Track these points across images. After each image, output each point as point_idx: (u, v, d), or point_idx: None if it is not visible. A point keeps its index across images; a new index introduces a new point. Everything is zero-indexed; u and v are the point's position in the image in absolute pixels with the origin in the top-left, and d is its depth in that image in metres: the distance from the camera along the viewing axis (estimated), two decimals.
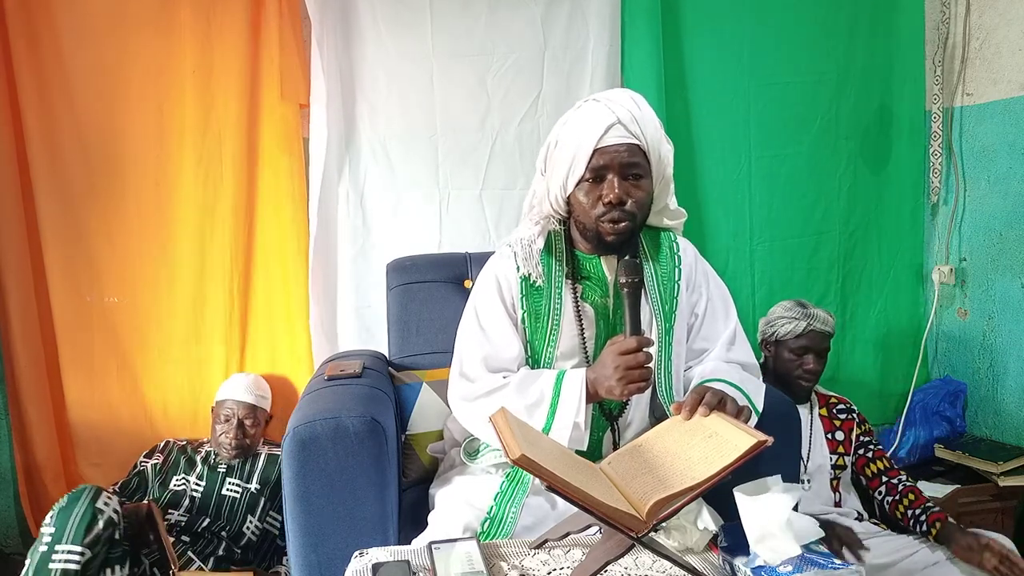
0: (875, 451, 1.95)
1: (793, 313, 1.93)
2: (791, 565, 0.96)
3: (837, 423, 1.96)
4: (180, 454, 2.10)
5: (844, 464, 1.92)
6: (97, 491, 1.68)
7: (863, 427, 1.98)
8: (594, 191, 1.33)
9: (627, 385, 1.23)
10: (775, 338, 1.96)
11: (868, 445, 1.96)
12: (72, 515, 1.62)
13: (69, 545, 1.60)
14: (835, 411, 1.98)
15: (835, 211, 2.45)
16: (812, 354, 1.91)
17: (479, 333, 1.42)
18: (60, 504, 1.65)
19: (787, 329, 1.93)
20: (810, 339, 1.91)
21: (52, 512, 1.65)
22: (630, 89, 1.46)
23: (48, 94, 2.11)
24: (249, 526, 2.01)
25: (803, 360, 1.92)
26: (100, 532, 1.63)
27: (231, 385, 2.12)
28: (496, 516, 1.28)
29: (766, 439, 0.97)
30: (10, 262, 2.13)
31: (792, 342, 1.92)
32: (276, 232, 2.24)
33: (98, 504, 1.65)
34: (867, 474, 1.93)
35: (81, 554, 1.60)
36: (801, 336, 1.91)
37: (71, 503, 1.64)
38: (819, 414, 1.96)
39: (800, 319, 1.92)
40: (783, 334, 1.94)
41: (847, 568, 0.96)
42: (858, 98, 2.42)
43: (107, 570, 1.66)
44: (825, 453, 1.91)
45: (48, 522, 1.64)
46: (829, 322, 1.94)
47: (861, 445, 1.96)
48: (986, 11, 2.30)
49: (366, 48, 2.20)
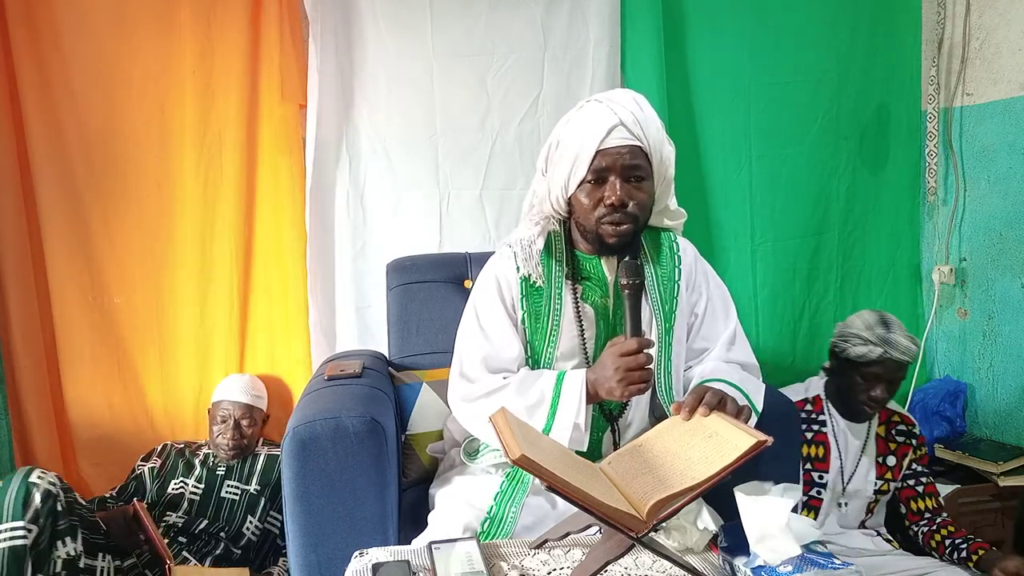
0: (927, 486, 1.83)
1: (871, 335, 1.70)
2: (791, 565, 0.96)
3: (892, 446, 1.83)
4: (178, 457, 2.10)
5: (888, 490, 1.82)
6: (29, 469, 1.64)
7: (918, 453, 1.84)
8: (596, 193, 1.33)
9: (627, 386, 1.24)
10: (845, 356, 1.74)
11: (920, 477, 1.84)
12: (7, 494, 1.58)
13: (10, 523, 1.55)
14: (894, 432, 1.84)
15: (835, 211, 2.45)
16: (883, 383, 1.71)
17: (479, 334, 1.42)
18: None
19: (860, 352, 1.70)
20: (884, 367, 1.69)
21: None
22: (630, 89, 1.46)
23: (49, 94, 2.11)
24: (249, 526, 2.01)
25: (871, 386, 1.72)
26: (39, 507, 1.58)
27: (227, 386, 2.12)
28: (496, 516, 1.28)
29: (766, 439, 0.97)
30: (11, 262, 2.13)
31: (864, 367, 1.71)
32: (276, 232, 2.24)
33: (31, 479, 1.61)
34: (912, 508, 1.83)
35: (26, 529, 1.56)
36: (875, 363, 1.70)
37: (5, 485, 1.60)
38: (876, 434, 1.83)
39: (877, 344, 1.68)
40: (854, 356, 1.71)
41: (847, 568, 0.97)
42: (857, 98, 2.42)
43: (58, 543, 1.61)
44: (871, 477, 1.80)
45: None
46: (910, 351, 1.69)
47: (912, 475, 1.84)
48: (986, 11, 2.30)
49: (366, 48, 2.20)
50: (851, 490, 1.81)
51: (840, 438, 1.83)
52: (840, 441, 1.83)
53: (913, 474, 1.86)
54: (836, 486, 1.81)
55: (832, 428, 1.83)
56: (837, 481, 1.81)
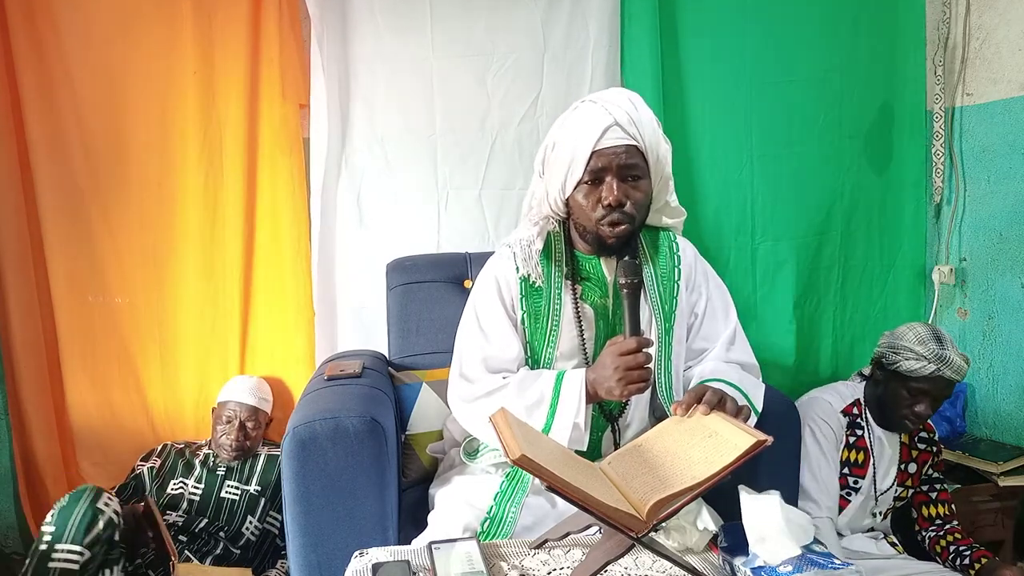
0: (940, 492, 1.83)
1: (925, 351, 1.65)
2: (791, 565, 0.96)
3: (915, 453, 1.81)
4: (178, 457, 2.10)
5: (906, 496, 1.82)
6: (98, 491, 1.68)
7: (936, 459, 1.84)
8: (593, 193, 1.33)
9: (627, 385, 1.24)
10: (894, 368, 1.70)
11: (935, 484, 1.83)
12: (73, 514, 1.62)
13: (69, 544, 1.60)
14: (916, 439, 1.82)
15: (837, 211, 2.44)
16: (929, 399, 1.67)
17: (479, 334, 1.43)
18: (61, 503, 1.66)
19: (912, 367, 1.66)
20: (934, 384, 1.65)
21: (53, 511, 1.65)
22: (630, 89, 1.46)
23: (50, 94, 2.11)
24: (249, 527, 2.01)
25: (916, 401, 1.68)
26: (100, 533, 1.63)
27: (234, 387, 2.12)
28: (496, 516, 1.28)
29: (766, 438, 0.97)
30: (11, 262, 2.14)
31: (912, 382, 1.67)
32: (277, 232, 2.24)
33: (99, 504, 1.65)
34: (923, 514, 1.82)
35: (80, 554, 1.60)
36: (925, 380, 1.65)
37: (72, 503, 1.64)
38: (900, 441, 1.82)
39: (932, 362, 1.64)
40: (905, 370, 1.67)
41: (847, 568, 0.96)
42: (861, 97, 2.41)
43: (104, 571, 1.66)
44: (893, 484, 1.80)
45: (49, 521, 1.64)
46: (963, 370, 1.65)
47: (927, 481, 1.83)
48: (986, 11, 2.30)
49: (366, 48, 2.20)
50: (881, 499, 1.79)
51: (876, 446, 1.80)
52: (876, 449, 1.80)
53: (928, 480, 1.85)
54: (869, 492, 1.79)
55: (869, 435, 1.80)
56: (871, 488, 1.79)
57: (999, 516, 2.13)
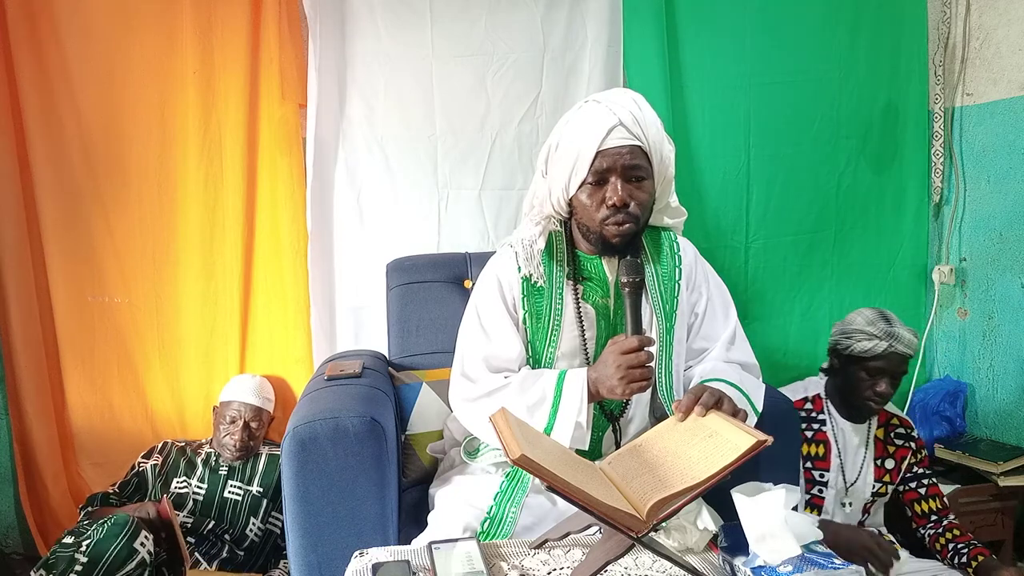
0: (929, 487, 1.83)
1: (875, 330, 1.72)
2: (791, 565, 0.96)
3: (891, 449, 1.83)
4: (179, 455, 2.09)
5: (886, 492, 1.83)
6: (137, 528, 1.68)
7: (918, 456, 1.85)
8: (597, 194, 1.33)
9: (628, 384, 1.24)
10: (848, 352, 1.76)
11: (922, 479, 1.84)
12: (108, 550, 1.63)
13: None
14: (892, 435, 1.84)
15: (831, 210, 2.45)
16: (887, 377, 1.73)
17: (480, 333, 1.43)
18: (98, 535, 1.65)
19: (865, 347, 1.72)
20: (889, 361, 1.71)
21: (89, 540, 1.64)
22: (631, 89, 1.46)
23: (50, 95, 2.11)
24: (252, 528, 2.01)
25: (876, 382, 1.73)
26: (131, 572, 1.64)
27: (237, 387, 2.11)
28: (496, 516, 1.28)
29: (766, 439, 0.97)
30: (11, 262, 2.13)
31: (868, 362, 1.73)
32: (276, 232, 2.24)
33: (135, 544, 1.66)
34: (916, 511, 1.84)
35: None
36: (880, 357, 1.71)
37: (109, 538, 1.64)
38: (875, 436, 1.84)
39: (883, 339, 1.70)
40: (859, 351, 1.73)
41: (847, 568, 0.97)
42: (860, 97, 2.41)
43: None
44: (869, 479, 1.81)
45: (84, 550, 1.64)
46: (913, 344, 1.72)
47: (914, 478, 1.84)
48: (986, 11, 2.30)
49: (366, 48, 2.20)
50: (852, 490, 1.81)
51: (840, 437, 1.83)
52: (840, 440, 1.83)
53: (914, 476, 1.86)
54: (838, 484, 1.81)
55: (832, 427, 1.84)
56: (839, 479, 1.81)
57: (999, 516, 2.13)
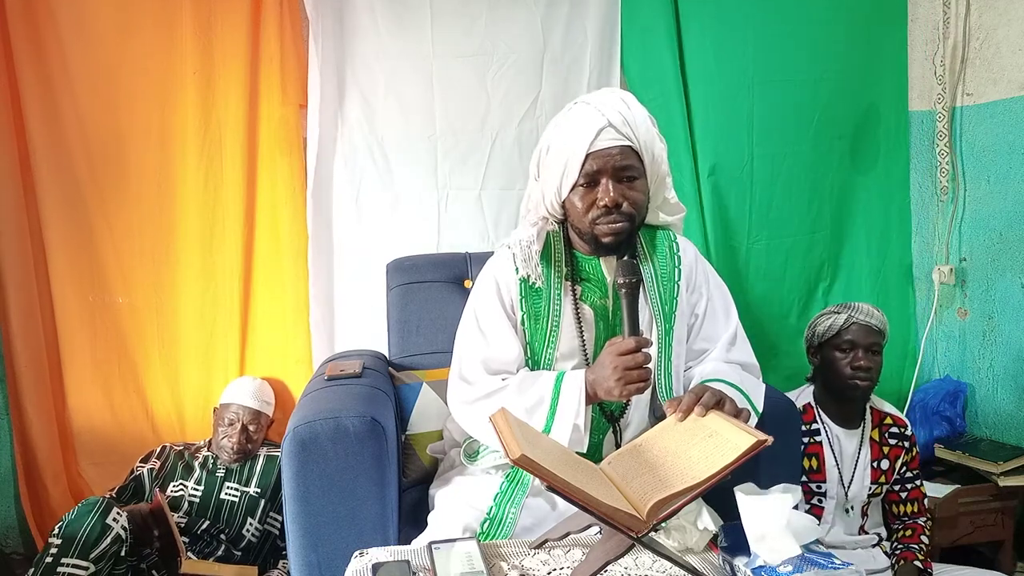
0: (911, 491, 1.85)
1: (834, 309, 1.82)
2: (791, 565, 0.96)
3: (886, 450, 1.83)
4: (177, 460, 2.08)
5: (881, 492, 1.84)
6: (108, 506, 1.68)
7: (910, 455, 1.86)
8: (589, 196, 1.32)
9: (626, 386, 1.23)
10: (818, 340, 1.83)
11: (906, 483, 1.85)
12: (81, 528, 1.62)
13: (75, 559, 1.60)
14: (887, 435, 1.84)
15: (827, 210, 2.45)
16: (861, 349, 1.76)
17: (478, 335, 1.42)
18: (70, 516, 1.65)
19: (827, 325, 1.80)
20: (854, 333, 1.77)
21: (61, 522, 1.64)
22: (632, 89, 1.46)
23: (50, 95, 2.11)
24: (249, 528, 2.01)
25: (852, 356, 1.77)
26: (107, 548, 1.63)
27: (237, 389, 2.11)
28: (496, 517, 1.28)
29: (766, 438, 0.97)
30: (11, 262, 2.14)
31: (835, 339, 1.79)
32: (276, 232, 2.24)
33: (107, 520, 1.65)
34: (894, 512, 1.86)
35: (85, 568, 1.60)
36: (844, 331, 1.77)
37: (81, 516, 1.64)
38: (870, 438, 1.84)
39: (841, 313, 1.79)
40: (823, 332, 1.80)
41: (847, 568, 0.97)
42: (850, 98, 2.43)
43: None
44: (866, 483, 1.81)
45: (56, 533, 1.63)
46: (874, 314, 1.78)
47: (899, 480, 1.85)
48: (986, 11, 2.30)
49: (366, 48, 2.21)
50: (851, 496, 1.80)
51: (835, 445, 1.82)
52: (835, 448, 1.81)
53: (900, 479, 1.85)
54: (838, 494, 1.80)
55: (826, 435, 1.82)
56: (838, 489, 1.80)
57: (999, 516, 2.13)
